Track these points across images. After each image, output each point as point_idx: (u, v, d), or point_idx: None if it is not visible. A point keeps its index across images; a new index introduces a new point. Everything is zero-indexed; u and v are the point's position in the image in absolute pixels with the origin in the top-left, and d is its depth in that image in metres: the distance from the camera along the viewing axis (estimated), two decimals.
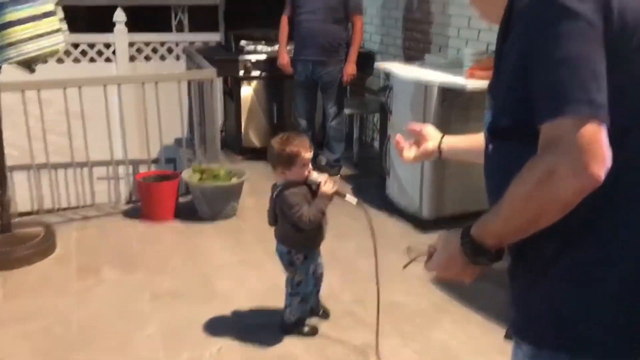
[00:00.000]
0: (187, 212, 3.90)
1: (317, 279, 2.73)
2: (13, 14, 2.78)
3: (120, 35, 6.04)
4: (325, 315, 2.80)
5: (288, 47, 4.67)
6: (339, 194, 2.42)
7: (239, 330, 2.69)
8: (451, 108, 3.47)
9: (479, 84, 3.31)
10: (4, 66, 2.95)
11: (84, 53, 6.10)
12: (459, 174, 3.52)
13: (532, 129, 0.98)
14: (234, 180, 3.87)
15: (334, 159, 4.70)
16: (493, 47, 3.85)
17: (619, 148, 0.95)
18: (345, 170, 4.79)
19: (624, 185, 1.01)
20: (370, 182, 4.54)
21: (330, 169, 4.66)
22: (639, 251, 1.02)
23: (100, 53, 6.13)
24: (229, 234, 3.68)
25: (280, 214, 2.52)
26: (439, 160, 3.55)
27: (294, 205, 2.40)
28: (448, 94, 3.45)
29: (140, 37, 6.21)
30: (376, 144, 5.27)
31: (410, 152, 1.57)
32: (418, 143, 1.57)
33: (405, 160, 1.58)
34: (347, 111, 4.81)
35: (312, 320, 2.74)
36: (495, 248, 1.08)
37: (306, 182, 2.44)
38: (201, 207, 3.86)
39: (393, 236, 3.63)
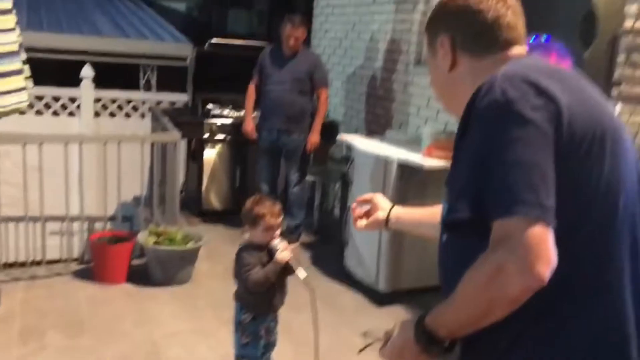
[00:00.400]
0: (141, 276, 3.82)
1: (268, 345, 2.67)
2: None
3: (86, 91, 6.04)
4: None
5: (254, 114, 4.77)
6: (289, 265, 2.43)
7: None
8: (409, 184, 3.57)
9: (435, 162, 3.44)
10: None
11: (47, 106, 6.05)
12: (416, 247, 3.58)
13: (485, 224, 1.03)
14: (190, 245, 3.83)
15: (294, 224, 4.72)
16: (451, 127, 4.05)
17: (567, 246, 1.00)
18: (305, 237, 4.80)
19: (571, 284, 1.05)
20: (330, 250, 4.55)
21: (290, 235, 4.66)
22: (589, 345, 1.07)
23: (64, 107, 6.10)
24: (181, 300, 3.60)
25: (237, 271, 2.54)
26: (397, 233, 3.62)
27: (245, 265, 2.45)
28: (406, 170, 3.56)
29: (107, 93, 6.22)
30: (337, 212, 5.33)
31: (362, 220, 1.61)
32: (369, 212, 1.61)
33: (357, 228, 1.62)
34: (309, 178, 4.88)
35: None
36: (448, 339, 1.10)
37: (268, 247, 2.47)
38: (155, 271, 3.78)
39: (348, 309, 3.62)
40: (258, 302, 2.54)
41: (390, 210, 1.58)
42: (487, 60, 1.20)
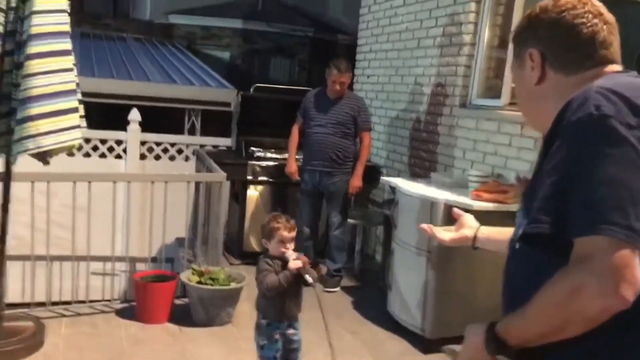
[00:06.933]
0: (182, 316, 3.79)
1: (289, 352, 2.81)
2: (35, 109, 2.83)
3: (133, 134, 6.20)
4: None
5: (297, 156, 4.79)
6: (300, 272, 2.61)
7: None
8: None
9: (484, 205, 3.35)
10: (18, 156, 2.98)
11: (95, 148, 6.22)
12: (464, 293, 3.46)
13: (563, 241, 1.00)
14: (233, 285, 3.80)
15: (334, 268, 4.65)
16: (498, 171, 3.95)
17: None
18: (345, 281, 4.71)
19: None
20: (371, 295, 4.45)
21: (330, 278, 4.59)
22: None
23: (111, 149, 6.25)
24: (222, 342, 3.54)
25: (256, 277, 2.76)
26: (443, 278, 3.50)
27: (261, 270, 2.70)
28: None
29: (153, 137, 6.36)
30: (378, 256, 5.23)
31: (447, 233, 1.62)
32: (456, 228, 1.62)
33: (439, 239, 1.63)
34: (350, 221, 4.83)
35: None
36: (516, 347, 1.09)
37: (282, 258, 2.69)
38: (197, 311, 3.75)
39: (392, 355, 3.49)
40: (271, 308, 2.77)
41: (477, 229, 1.58)
42: (577, 76, 1.17)
